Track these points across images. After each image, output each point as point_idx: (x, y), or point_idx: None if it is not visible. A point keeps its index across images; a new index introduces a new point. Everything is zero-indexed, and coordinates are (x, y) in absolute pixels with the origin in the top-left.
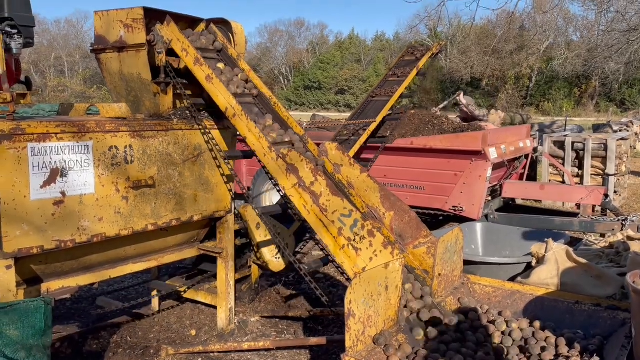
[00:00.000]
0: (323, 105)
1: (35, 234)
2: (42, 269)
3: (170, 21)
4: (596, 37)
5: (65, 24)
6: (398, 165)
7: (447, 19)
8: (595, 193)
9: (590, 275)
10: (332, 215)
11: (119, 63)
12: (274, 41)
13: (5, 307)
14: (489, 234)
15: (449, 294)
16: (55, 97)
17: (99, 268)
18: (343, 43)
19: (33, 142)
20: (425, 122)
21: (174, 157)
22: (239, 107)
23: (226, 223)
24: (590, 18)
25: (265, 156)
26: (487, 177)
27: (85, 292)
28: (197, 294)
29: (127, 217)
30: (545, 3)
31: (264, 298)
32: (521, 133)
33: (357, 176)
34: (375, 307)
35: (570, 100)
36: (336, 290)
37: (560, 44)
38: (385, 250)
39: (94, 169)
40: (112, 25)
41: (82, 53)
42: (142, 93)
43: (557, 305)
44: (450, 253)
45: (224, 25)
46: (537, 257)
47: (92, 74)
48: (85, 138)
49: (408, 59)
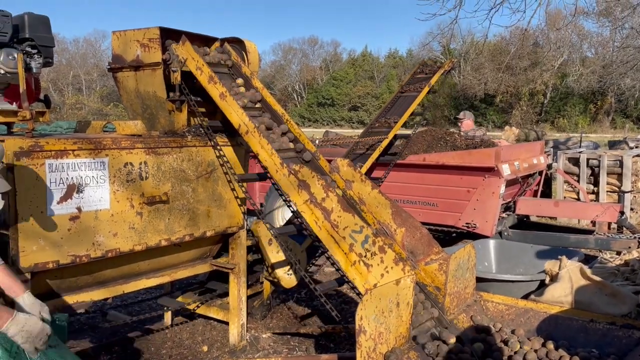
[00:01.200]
0: (336, 121)
1: (51, 249)
2: (57, 284)
3: (186, 40)
4: (611, 53)
5: (83, 42)
6: (411, 182)
7: (459, 36)
8: (611, 210)
9: (604, 293)
10: (343, 231)
11: (135, 81)
12: (287, 59)
13: None
14: (502, 251)
15: (461, 312)
16: (72, 115)
17: (113, 283)
18: (356, 60)
19: (51, 159)
20: (437, 138)
21: (188, 173)
22: (252, 124)
23: (238, 239)
24: (604, 34)
25: (277, 172)
26: (500, 194)
27: (99, 307)
28: (209, 310)
29: (141, 233)
30: (559, 20)
31: (276, 314)
32: (535, 149)
33: (369, 192)
34: (386, 323)
35: (585, 117)
36: (348, 307)
37: (574, 60)
38: (397, 266)
39: (110, 185)
40: (129, 44)
41: (99, 71)
42: (157, 110)
43: (571, 324)
44: (462, 270)
45: (237, 44)
46: (550, 275)
47: (109, 92)
48: (102, 155)
49: (420, 76)
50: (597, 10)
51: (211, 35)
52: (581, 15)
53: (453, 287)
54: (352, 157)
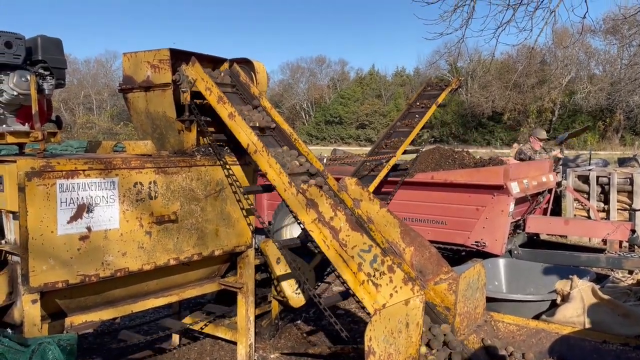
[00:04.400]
0: (344, 139)
1: (61, 269)
2: (66, 303)
3: (195, 61)
4: (619, 70)
5: (94, 63)
6: (419, 200)
7: (466, 54)
8: (622, 228)
9: (617, 313)
10: (351, 251)
11: (146, 102)
12: (295, 78)
13: (35, 347)
14: (512, 270)
15: (471, 332)
16: (83, 134)
17: (122, 302)
18: (363, 79)
19: (62, 179)
20: (445, 156)
21: (197, 192)
22: (260, 144)
23: (247, 258)
24: (612, 52)
25: (286, 191)
26: (509, 212)
27: (107, 326)
28: (217, 330)
29: (150, 252)
30: (566, 38)
31: (284, 334)
32: (544, 167)
33: (377, 211)
34: (395, 344)
35: (594, 134)
36: (357, 326)
37: (582, 78)
38: (406, 286)
39: (119, 205)
40: (139, 66)
41: (110, 91)
42: (167, 130)
43: (583, 345)
44: (472, 290)
45: (246, 65)
46: (562, 295)
47: (119, 111)
48: (112, 174)
49: (427, 94)
50: (604, 28)
51: (220, 56)
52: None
53: (463, 307)
54: (359, 175)
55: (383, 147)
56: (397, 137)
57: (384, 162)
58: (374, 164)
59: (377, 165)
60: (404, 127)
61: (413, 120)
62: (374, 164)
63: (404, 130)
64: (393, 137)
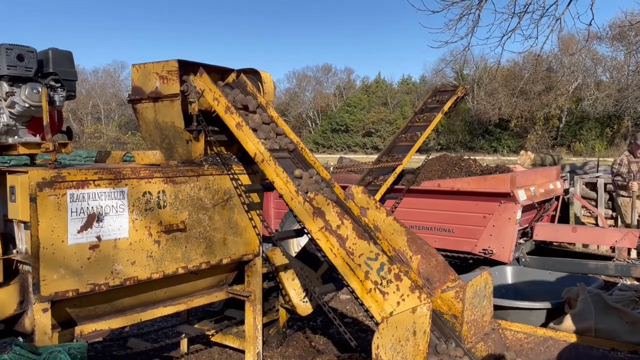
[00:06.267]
0: (350, 147)
1: (71, 278)
2: (77, 312)
3: (203, 72)
4: (626, 77)
5: (102, 73)
6: (426, 208)
7: (472, 62)
8: (630, 236)
9: (625, 321)
10: (358, 259)
11: (154, 112)
12: (301, 86)
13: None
14: (520, 278)
15: (479, 340)
16: (91, 143)
17: (131, 311)
18: (370, 87)
19: (72, 189)
20: (452, 164)
21: (205, 201)
22: (267, 153)
23: (254, 266)
24: (619, 58)
25: (293, 200)
26: (516, 220)
27: (115, 335)
28: (225, 338)
29: (159, 261)
30: (572, 44)
31: (292, 342)
32: (551, 175)
33: (383, 219)
34: (403, 352)
35: (602, 141)
36: (365, 335)
37: (589, 85)
38: (413, 294)
39: (129, 214)
40: (148, 77)
41: (118, 101)
42: (175, 140)
43: (591, 353)
44: (479, 297)
45: (253, 75)
46: (569, 302)
47: (127, 121)
48: (121, 184)
49: (433, 102)
50: (611, 34)
51: (227, 67)
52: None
53: (470, 315)
54: (366, 183)
55: (389, 155)
56: (403, 146)
57: (390, 169)
58: (380, 173)
59: (383, 174)
60: (409, 137)
61: (418, 129)
62: (380, 172)
63: (409, 140)
64: (399, 147)
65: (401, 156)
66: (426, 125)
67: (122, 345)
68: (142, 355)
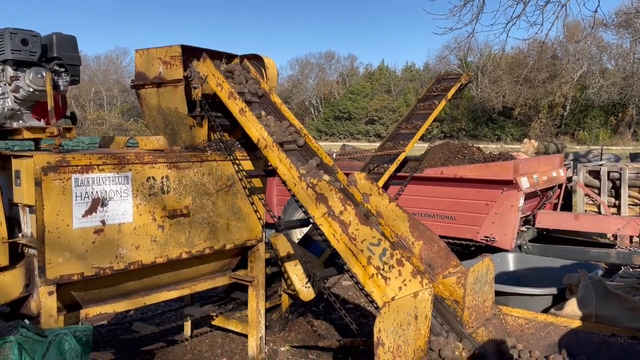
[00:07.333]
0: (353, 135)
1: (76, 261)
2: (82, 296)
3: (206, 58)
4: (632, 65)
5: (105, 59)
6: (428, 195)
7: (477, 49)
8: (633, 223)
9: (626, 307)
10: (361, 244)
11: (158, 98)
12: (304, 73)
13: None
14: (521, 265)
15: (480, 325)
16: (94, 130)
17: (135, 295)
18: (373, 74)
19: (77, 174)
20: (455, 151)
21: (208, 187)
22: (270, 139)
23: (257, 252)
24: (625, 46)
25: (296, 186)
26: (519, 207)
27: (120, 318)
28: (228, 323)
29: (163, 246)
30: (577, 32)
31: (294, 327)
32: (554, 162)
33: (386, 205)
34: (404, 336)
35: (606, 129)
36: (366, 320)
37: (594, 72)
38: (415, 279)
39: (133, 199)
40: (151, 62)
41: (120, 87)
42: (178, 126)
43: (592, 338)
44: (481, 283)
45: (256, 61)
46: (570, 289)
47: (130, 108)
48: (125, 169)
49: (437, 89)
50: (617, 22)
51: (231, 53)
52: (600, 27)
53: (472, 301)
54: (369, 170)
55: (392, 142)
56: (406, 133)
57: (393, 157)
58: (382, 160)
59: (386, 161)
60: (412, 125)
61: (421, 116)
62: (382, 159)
63: (412, 128)
64: (402, 134)
65: (404, 143)
66: (429, 112)
67: (127, 329)
68: (146, 338)
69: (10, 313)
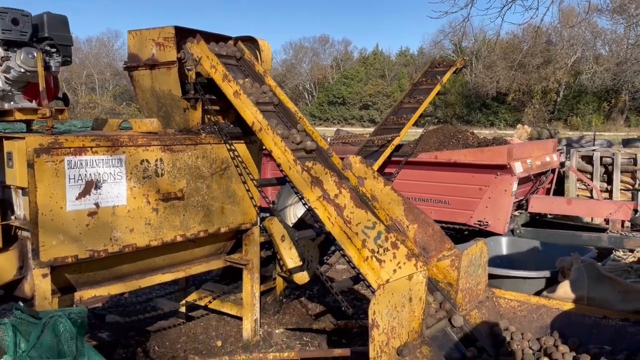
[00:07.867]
0: (347, 120)
1: (70, 244)
2: (76, 278)
3: (200, 39)
4: (625, 50)
5: (96, 42)
6: (423, 180)
7: (471, 33)
8: (624, 208)
9: (617, 290)
10: (356, 227)
11: (151, 80)
12: (298, 57)
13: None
14: (514, 248)
15: (473, 308)
16: (86, 114)
17: (130, 278)
18: (367, 59)
19: (70, 156)
20: (449, 136)
21: (203, 170)
22: (265, 122)
23: (252, 235)
24: (619, 32)
25: (290, 169)
26: (512, 192)
27: (114, 301)
28: (223, 305)
29: (157, 228)
30: (572, 17)
31: (289, 310)
32: (547, 147)
33: (381, 189)
34: (399, 318)
35: (599, 115)
36: (360, 303)
37: (588, 58)
38: (409, 262)
39: (126, 182)
40: (144, 43)
41: (112, 70)
42: (172, 108)
43: (583, 320)
44: (474, 266)
45: (251, 43)
46: (563, 272)
47: (122, 91)
48: (119, 152)
49: (432, 72)
50: (611, 7)
51: (225, 35)
52: (595, 12)
53: (465, 284)
54: (364, 154)
55: (387, 127)
56: (401, 115)
57: (388, 141)
58: (378, 144)
59: (381, 144)
60: (408, 105)
61: (415, 101)
62: (378, 143)
63: (408, 108)
64: (397, 118)
65: (398, 128)
66: (431, 87)
67: (122, 312)
68: (141, 322)
69: (4, 296)
